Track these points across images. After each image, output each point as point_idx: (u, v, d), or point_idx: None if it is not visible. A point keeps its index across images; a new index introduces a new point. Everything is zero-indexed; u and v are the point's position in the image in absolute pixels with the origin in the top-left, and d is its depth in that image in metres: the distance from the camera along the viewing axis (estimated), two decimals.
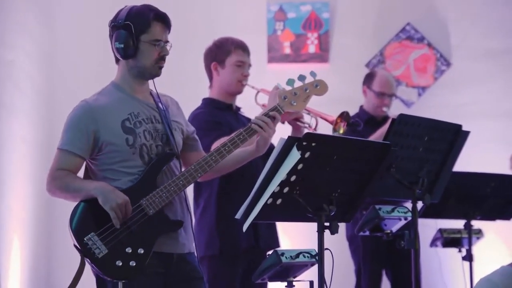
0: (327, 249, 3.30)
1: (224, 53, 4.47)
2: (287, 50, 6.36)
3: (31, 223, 5.53)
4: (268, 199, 3.14)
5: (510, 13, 6.32)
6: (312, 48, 6.37)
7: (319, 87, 3.86)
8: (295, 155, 3.06)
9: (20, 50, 5.57)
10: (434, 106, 6.07)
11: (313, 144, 3.13)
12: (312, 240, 3.37)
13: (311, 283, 3.34)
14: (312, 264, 3.49)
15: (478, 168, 4.70)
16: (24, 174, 5.24)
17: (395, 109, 5.85)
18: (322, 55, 6.36)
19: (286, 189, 3.16)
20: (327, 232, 3.30)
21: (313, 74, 3.86)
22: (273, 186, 3.12)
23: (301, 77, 3.83)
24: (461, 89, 6.26)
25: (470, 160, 4.96)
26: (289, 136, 3.16)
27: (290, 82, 3.83)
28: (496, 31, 6.30)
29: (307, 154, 3.12)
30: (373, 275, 5.24)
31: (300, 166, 3.12)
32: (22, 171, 5.23)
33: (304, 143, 3.09)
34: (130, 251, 3.49)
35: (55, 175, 3.61)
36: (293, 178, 3.14)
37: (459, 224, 4.77)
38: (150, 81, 3.78)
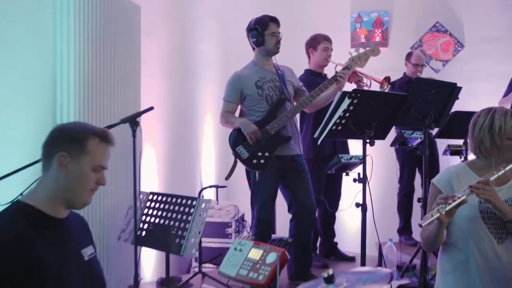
0: (368, 155, 3.31)
1: (316, 42, 4.41)
2: (363, 40, 6.19)
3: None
4: (332, 126, 3.23)
5: (507, 11, 5.98)
6: (377, 38, 6.21)
7: (374, 51, 3.87)
8: (346, 101, 3.14)
9: (207, 44, 5.67)
10: (452, 72, 5.82)
11: (358, 95, 3.17)
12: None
13: (359, 174, 3.31)
14: (360, 163, 3.49)
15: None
16: (213, 115, 5.46)
17: (428, 74, 5.74)
18: (384, 43, 6.18)
19: (343, 121, 3.20)
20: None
21: (371, 44, 3.89)
22: (335, 118, 3.19)
23: (364, 47, 3.88)
24: (469, 62, 5.99)
25: (474, 106, 4.81)
26: (343, 91, 3.23)
27: (357, 49, 3.88)
28: (494, 25, 5.98)
29: (355, 101, 3.14)
30: (409, 172, 5.11)
31: (351, 108, 3.15)
32: (213, 112, 5.42)
33: (353, 95, 3.13)
34: (261, 154, 3.63)
35: (223, 114, 3.82)
36: (347, 114, 3.17)
37: (460, 141, 4.66)
38: (273, 57, 3.85)
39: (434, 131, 4.45)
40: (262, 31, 3.73)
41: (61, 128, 1.93)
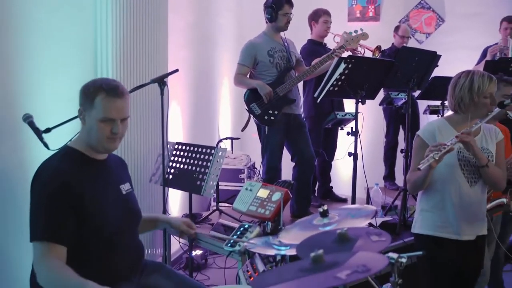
0: (360, 112, 3.32)
1: (318, 16, 4.33)
2: (358, 15, 6.05)
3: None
4: (330, 87, 3.21)
5: None
6: (371, 14, 6.04)
7: (364, 35, 3.78)
8: (342, 65, 3.11)
9: (225, 18, 5.57)
10: (434, 44, 5.66)
11: (353, 60, 3.14)
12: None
13: (351, 128, 3.31)
14: (353, 119, 3.47)
15: None
16: (229, 78, 5.39)
17: (413, 44, 5.63)
18: (376, 17, 6.03)
19: (339, 82, 3.18)
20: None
21: (361, 29, 3.80)
22: (332, 80, 3.17)
23: (356, 31, 3.79)
24: (449, 34, 5.86)
25: (451, 73, 4.72)
26: (339, 57, 3.19)
27: (350, 32, 3.79)
28: (470, 2, 5.82)
29: (350, 65, 3.12)
30: (394, 127, 5.08)
31: (346, 72, 3.13)
32: (229, 76, 5.37)
33: (348, 60, 3.11)
34: (271, 112, 3.60)
35: (237, 76, 3.74)
36: (343, 77, 3.15)
37: (438, 102, 4.57)
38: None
39: (417, 93, 4.40)
40: (277, 10, 3.64)
41: (83, 85, 1.92)
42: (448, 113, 2.56)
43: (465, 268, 2.41)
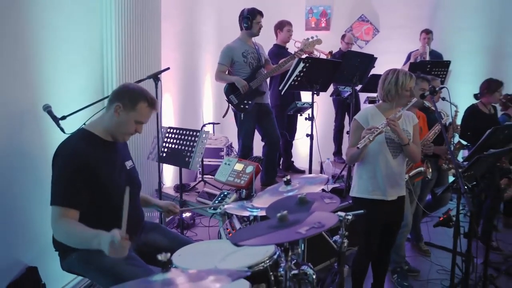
0: (315, 102, 3.32)
1: (282, 25, 4.26)
2: (313, 25, 6.03)
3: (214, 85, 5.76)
4: (291, 81, 3.19)
5: (409, 7, 5.87)
6: (323, 24, 6.03)
7: (318, 41, 3.73)
8: (301, 64, 3.09)
9: (208, 26, 5.42)
10: (371, 49, 5.70)
11: (309, 61, 3.13)
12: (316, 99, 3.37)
13: (308, 114, 3.31)
14: (310, 107, 3.41)
15: None
16: (211, 75, 5.30)
17: (356, 49, 5.68)
18: (327, 27, 6.02)
19: (299, 78, 3.16)
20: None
21: (316, 36, 3.76)
22: (293, 76, 3.15)
23: (313, 37, 3.75)
24: (382, 42, 5.92)
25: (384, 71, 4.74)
26: (299, 58, 3.17)
27: (308, 38, 3.75)
28: (399, 17, 5.87)
29: (307, 65, 3.11)
30: (341, 114, 5.08)
31: (304, 69, 3.12)
32: (211, 73, 5.29)
33: (306, 60, 3.10)
34: (245, 102, 3.53)
35: (217, 74, 3.62)
36: (301, 74, 3.13)
37: (375, 94, 4.57)
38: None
39: (359, 87, 4.43)
40: (252, 19, 3.57)
41: (127, 86, 1.89)
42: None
43: (390, 222, 2.47)
